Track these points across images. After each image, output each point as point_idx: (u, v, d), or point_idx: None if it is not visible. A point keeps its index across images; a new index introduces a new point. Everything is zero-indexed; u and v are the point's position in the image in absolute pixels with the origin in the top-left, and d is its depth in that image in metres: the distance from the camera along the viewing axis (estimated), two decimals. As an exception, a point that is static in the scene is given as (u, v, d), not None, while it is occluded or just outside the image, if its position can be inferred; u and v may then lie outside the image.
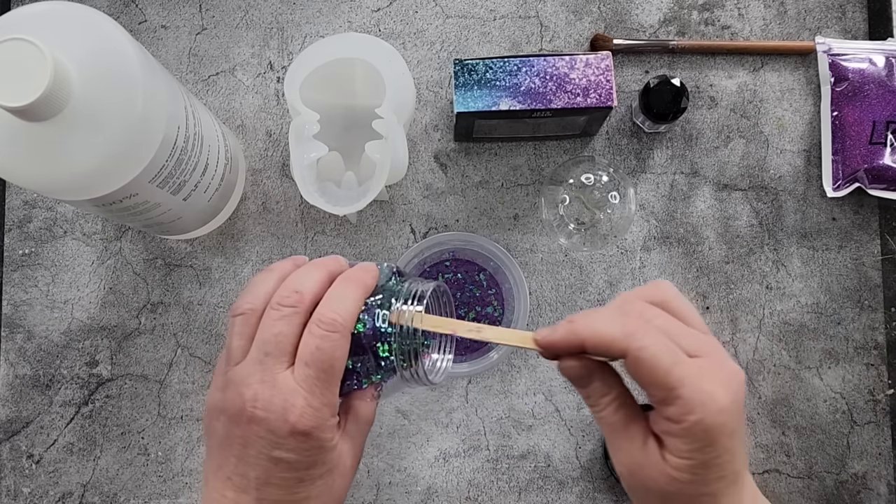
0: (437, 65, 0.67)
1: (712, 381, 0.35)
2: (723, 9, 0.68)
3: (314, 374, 0.38)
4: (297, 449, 0.38)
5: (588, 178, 0.62)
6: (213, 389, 0.41)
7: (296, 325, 0.39)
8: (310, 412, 0.38)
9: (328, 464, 0.40)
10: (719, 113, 0.67)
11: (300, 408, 0.38)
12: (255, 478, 0.39)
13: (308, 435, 0.38)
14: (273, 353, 0.39)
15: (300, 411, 0.38)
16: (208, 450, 0.41)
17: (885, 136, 0.64)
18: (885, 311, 0.65)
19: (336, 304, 0.39)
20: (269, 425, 0.38)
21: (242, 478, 0.39)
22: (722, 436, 0.35)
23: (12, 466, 0.64)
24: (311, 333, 0.39)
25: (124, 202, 0.49)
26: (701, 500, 0.37)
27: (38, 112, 0.41)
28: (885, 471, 0.64)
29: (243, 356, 0.40)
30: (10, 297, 0.65)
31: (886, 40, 0.66)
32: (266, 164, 0.67)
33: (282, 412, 0.37)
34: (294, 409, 0.38)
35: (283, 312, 0.39)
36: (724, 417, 0.35)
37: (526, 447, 0.64)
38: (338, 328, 0.38)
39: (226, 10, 0.68)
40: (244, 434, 0.38)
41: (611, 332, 0.36)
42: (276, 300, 0.40)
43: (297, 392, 0.38)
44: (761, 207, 0.66)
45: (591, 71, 0.58)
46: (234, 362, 0.40)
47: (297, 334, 0.39)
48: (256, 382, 0.38)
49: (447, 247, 0.62)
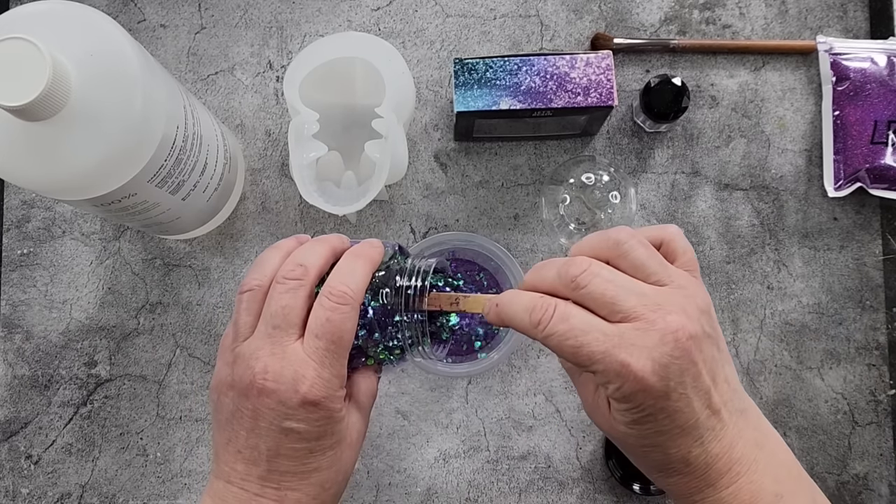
0: (437, 64, 0.67)
1: (632, 348, 0.35)
2: (724, 8, 0.68)
3: (324, 346, 0.39)
4: (307, 419, 0.39)
5: (589, 177, 0.62)
6: (220, 366, 0.42)
7: (302, 298, 0.40)
8: (320, 383, 0.39)
9: (336, 435, 0.40)
10: (720, 112, 0.67)
11: (311, 378, 0.38)
12: (266, 449, 0.39)
13: (318, 405, 0.39)
14: (281, 326, 0.39)
15: (311, 382, 0.38)
16: (216, 426, 0.42)
17: (887, 135, 0.64)
18: (886, 311, 0.65)
19: (346, 278, 0.40)
20: (280, 396, 0.38)
21: (253, 450, 0.40)
22: (647, 399, 0.36)
23: (11, 467, 0.64)
24: (321, 306, 0.39)
25: (123, 202, 0.49)
26: (644, 449, 0.38)
27: (37, 111, 0.41)
28: (886, 471, 0.64)
29: (251, 332, 0.41)
30: (8, 297, 0.65)
31: (888, 39, 0.66)
32: (265, 163, 0.66)
33: (292, 383, 0.38)
34: (305, 380, 0.38)
35: (288, 286, 0.40)
36: (645, 384, 0.35)
37: (526, 448, 0.64)
38: (348, 301, 0.39)
39: (225, 10, 0.67)
40: (255, 406, 0.39)
41: (523, 321, 0.38)
42: (282, 274, 0.41)
43: (307, 363, 0.39)
44: (762, 207, 0.66)
45: (591, 70, 0.58)
46: (242, 338, 0.41)
47: (303, 307, 0.40)
48: (266, 355, 0.39)
49: (447, 246, 0.62)
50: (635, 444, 0.39)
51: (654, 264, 0.38)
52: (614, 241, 0.38)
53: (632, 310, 0.36)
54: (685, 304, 0.37)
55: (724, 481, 0.38)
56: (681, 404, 0.36)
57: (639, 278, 0.38)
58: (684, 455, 0.37)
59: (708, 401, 0.37)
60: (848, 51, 0.66)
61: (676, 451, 0.37)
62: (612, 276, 0.37)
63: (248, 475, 0.40)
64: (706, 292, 0.39)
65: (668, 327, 0.36)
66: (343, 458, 0.42)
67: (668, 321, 0.36)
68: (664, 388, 0.36)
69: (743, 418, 0.39)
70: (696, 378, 0.36)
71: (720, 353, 0.38)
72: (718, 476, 0.38)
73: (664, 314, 0.36)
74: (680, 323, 0.36)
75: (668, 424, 0.37)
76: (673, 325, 0.36)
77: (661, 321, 0.36)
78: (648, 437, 0.38)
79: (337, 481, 0.42)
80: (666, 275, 0.38)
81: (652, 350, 0.35)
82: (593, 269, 0.37)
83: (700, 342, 0.36)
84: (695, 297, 0.37)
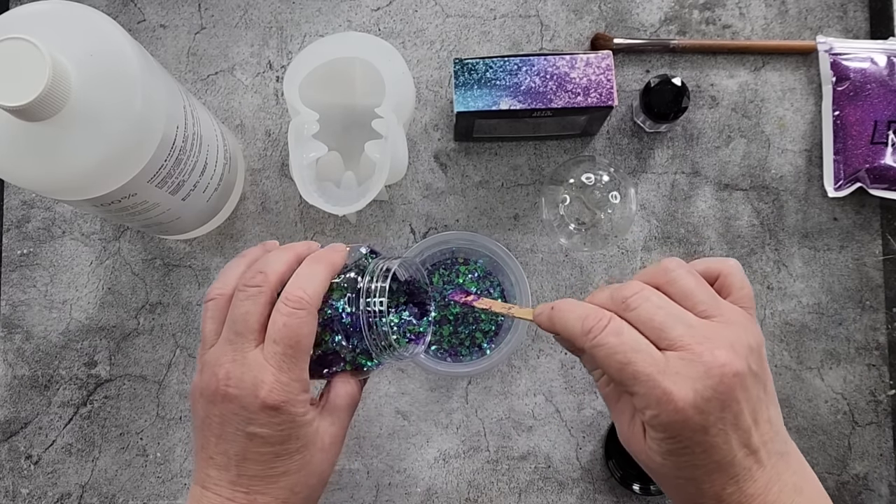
0: (437, 64, 0.67)
1: (676, 377, 0.35)
2: (724, 8, 0.68)
3: (281, 351, 0.39)
4: (269, 423, 0.39)
5: (589, 177, 0.62)
6: (195, 374, 0.43)
7: (261, 304, 0.41)
8: (278, 387, 0.39)
9: (302, 439, 0.41)
10: (720, 112, 0.67)
11: (269, 383, 0.39)
12: (234, 455, 0.40)
13: (278, 409, 0.39)
14: (242, 332, 0.40)
15: (269, 387, 0.39)
16: (193, 432, 0.43)
17: (887, 135, 0.64)
18: (886, 311, 0.65)
19: (303, 282, 0.41)
20: (242, 402, 0.39)
21: (223, 455, 0.40)
22: (685, 431, 0.36)
23: (11, 467, 0.64)
24: (278, 311, 0.40)
25: (123, 202, 0.49)
26: (678, 482, 0.38)
27: (37, 112, 0.41)
28: (886, 472, 0.64)
29: (216, 339, 0.42)
30: (8, 297, 0.65)
31: (888, 39, 0.66)
32: (265, 163, 0.66)
33: (252, 388, 0.39)
34: (264, 385, 0.39)
35: (248, 293, 0.41)
36: (684, 415, 0.35)
37: (526, 448, 0.64)
38: (304, 305, 0.40)
39: (225, 10, 0.67)
40: (221, 413, 0.40)
41: (574, 328, 0.38)
42: (242, 282, 0.42)
43: (265, 368, 0.39)
44: (762, 207, 0.66)
45: (591, 70, 0.58)
46: (208, 345, 0.42)
47: (263, 313, 0.41)
48: (228, 362, 0.40)
49: (448, 246, 0.62)
50: (669, 476, 0.38)
51: (702, 295, 0.38)
52: (664, 268, 0.39)
53: (678, 339, 0.36)
54: (734, 340, 0.37)
55: None
56: (718, 440, 0.36)
57: (686, 307, 0.38)
58: (717, 492, 0.37)
59: (747, 440, 0.37)
60: (848, 51, 0.66)
61: (710, 486, 0.37)
62: (663, 303, 0.38)
63: (220, 480, 0.41)
64: (759, 331, 0.39)
65: (715, 361, 0.36)
66: (313, 462, 0.42)
67: (714, 355, 0.36)
68: (703, 421, 0.36)
69: (783, 461, 0.38)
70: (737, 416, 0.36)
71: (766, 394, 0.38)
72: None
73: (711, 348, 0.36)
74: (727, 358, 0.36)
75: (704, 459, 0.37)
76: (720, 360, 0.36)
77: (708, 354, 0.36)
78: (683, 470, 0.37)
79: (308, 485, 0.42)
80: (715, 307, 0.38)
81: (696, 382, 0.35)
82: (645, 293, 0.38)
83: (745, 380, 0.36)
84: (745, 335, 0.37)
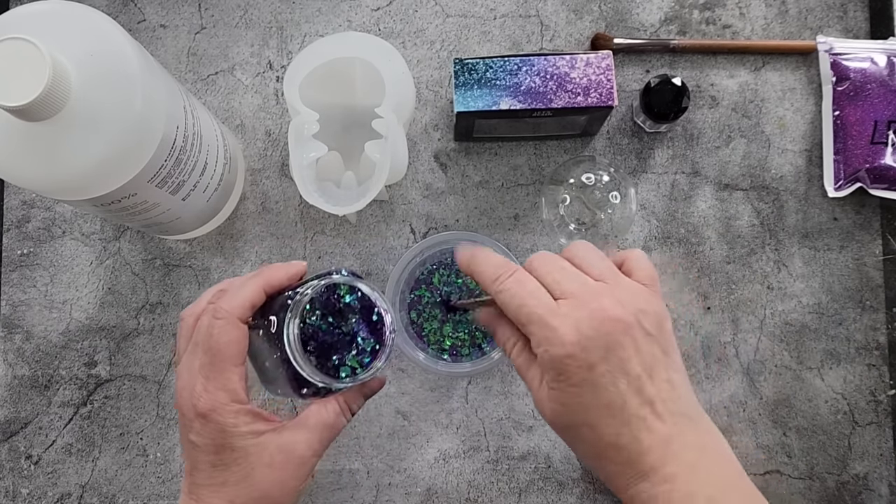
0: (437, 64, 0.67)
1: (563, 318, 0.39)
2: (724, 8, 0.68)
3: (208, 360, 0.41)
4: (201, 432, 0.41)
5: (589, 177, 0.62)
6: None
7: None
8: (206, 395, 0.41)
9: (238, 451, 0.41)
10: (720, 112, 0.67)
11: (199, 391, 0.41)
12: (189, 463, 0.43)
13: (206, 417, 0.41)
14: (196, 344, 0.42)
15: (198, 394, 0.41)
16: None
17: (887, 135, 0.64)
18: (886, 311, 0.65)
19: (230, 293, 0.43)
20: (183, 410, 0.42)
21: (186, 463, 0.43)
22: (571, 366, 0.39)
23: (11, 467, 0.64)
24: (201, 321, 0.42)
25: (123, 202, 0.49)
26: (581, 430, 0.40)
27: (37, 112, 0.41)
28: (886, 472, 0.64)
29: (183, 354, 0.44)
30: (8, 297, 0.65)
31: (888, 39, 0.66)
32: (265, 163, 0.66)
33: (189, 396, 0.41)
34: (194, 393, 0.41)
35: (207, 310, 0.43)
36: (570, 349, 0.39)
37: (526, 448, 0.64)
38: (222, 315, 0.42)
39: (225, 10, 0.67)
40: (182, 423, 0.43)
41: (486, 273, 0.43)
42: (206, 300, 0.44)
43: (196, 377, 0.41)
44: (762, 207, 0.66)
45: (591, 70, 0.58)
46: (179, 361, 0.44)
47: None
48: (184, 374, 0.42)
49: (448, 246, 0.62)
50: (568, 424, 0.40)
51: (600, 264, 0.42)
52: (572, 245, 0.44)
53: (571, 292, 0.40)
54: (623, 299, 0.40)
55: (658, 477, 0.38)
56: (605, 380, 0.39)
57: (584, 272, 0.42)
58: (614, 440, 0.39)
59: (639, 387, 0.39)
60: (848, 51, 0.66)
61: (605, 430, 0.39)
62: (564, 265, 0.42)
63: (185, 487, 0.43)
64: (660, 304, 0.42)
65: (599, 306, 0.40)
66: (255, 476, 0.41)
67: (600, 302, 0.40)
68: (587, 357, 0.39)
69: (690, 424, 0.40)
70: (623, 361, 0.39)
71: (665, 356, 0.41)
72: (652, 470, 0.38)
73: (599, 297, 0.40)
74: (610, 306, 0.40)
75: (594, 400, 0.39)
76: (603, 306, 0.40)
77: (595, 302, 0.40)
78: (578, 414, 0.40)
79: (252, 498, 0.41)
80: (612, 276, 0.42)
81: (580, 322, 0.39)
82: (550, 256, 0.43)
83: (631, 330, 0.39)
84: (637, 300, 0.41)
